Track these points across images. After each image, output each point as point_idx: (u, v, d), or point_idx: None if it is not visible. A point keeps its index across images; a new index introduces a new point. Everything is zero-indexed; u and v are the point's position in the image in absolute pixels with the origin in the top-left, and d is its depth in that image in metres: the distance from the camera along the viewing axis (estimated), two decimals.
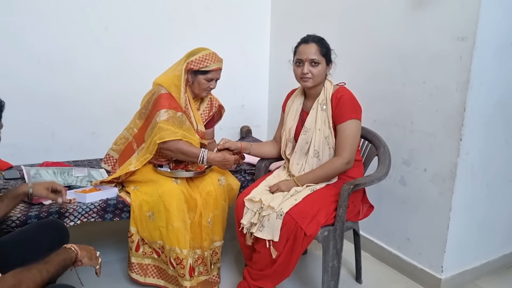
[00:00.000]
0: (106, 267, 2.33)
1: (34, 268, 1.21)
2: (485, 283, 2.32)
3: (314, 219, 1.83)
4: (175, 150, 2.09)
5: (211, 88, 2.22)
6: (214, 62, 2.14)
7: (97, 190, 2.04)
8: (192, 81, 2.18)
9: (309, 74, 1.99)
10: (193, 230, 2.06)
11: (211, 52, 2.17)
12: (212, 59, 2.14)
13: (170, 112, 2.10)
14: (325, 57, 1.99)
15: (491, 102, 2.09)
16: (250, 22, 3.38)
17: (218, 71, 2.19)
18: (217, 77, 2.20)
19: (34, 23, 2.57)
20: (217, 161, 2.14)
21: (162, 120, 2.07)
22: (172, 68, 2.21)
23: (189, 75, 2.16)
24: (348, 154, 1.95)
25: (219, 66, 2.18)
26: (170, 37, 3.02)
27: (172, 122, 2.09)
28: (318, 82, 2.03)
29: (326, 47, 1.99)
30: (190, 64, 2.13)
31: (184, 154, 2.11)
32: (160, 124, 2.06)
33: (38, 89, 2.68)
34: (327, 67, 2.02)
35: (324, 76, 2.03)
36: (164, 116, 2.08)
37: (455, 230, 2.15)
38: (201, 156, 2.10)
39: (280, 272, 1.87)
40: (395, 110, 2.36)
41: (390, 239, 2.48)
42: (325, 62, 1.99)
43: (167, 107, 2.10)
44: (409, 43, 2.24)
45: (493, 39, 1.97)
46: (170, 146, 2.07)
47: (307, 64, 1.97)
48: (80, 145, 2.87)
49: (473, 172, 2.13)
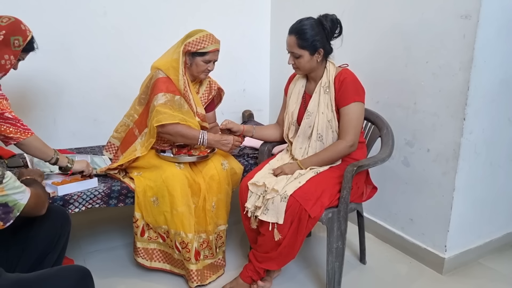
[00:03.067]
0: (112, 252, 2.38)
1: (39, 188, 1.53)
2: (488, 262, 2.34)
3: (318, 201, 1.83)
4: (174, 134, 2.08)
5: (209, 70, 2.20)
6: (211, 43, 2.12)
7: (69, 182, 1.97)
8: (190, 63, 2.16)
9: (295, 65, 1.99)
10: (197, 214, 2.07)
11: (208, 34, 2.15)
12: (209, 40, 2.12)
13: (168, 95, 2.09)
14: (307, 48, 1.93)
15: (495, 80, 2.07)
16: (250, 5, 3.33)
17: (216, 53, 2.17)
18: (214, 59, 2.18)
19: (31, 9, 2.54)
20: (216, 140, 2.13)
21: (160, 103, 2.06)
22: (170, 51, 2.19)
23: (187, 57, 2.15)
24: (352, 137, 1.95)
25: (217, 48, 2.16)
26: (170, 21, 2.99)
27: (170, 106, 2.08)
28: (309, 70, 2.02)
29: (306, 38, 1.91)
30: (187, 46, 2.11)
31: (183, 137, 2.11)
32: (157, 108, 2.05)
33: (38, 76, 2.66)
34: (314, 56, 1.95)
35: (314, 64, 1.98)
36: (161, 100, 2.07)
37: (458, 209, 2.16)
38: (201, 137, 2.10)
39: (285, 254, 1.89)
40: (398, 90, 2.35)
41: (394, 219, 2.49)
42: (308, 53, 1.94)
43: (164, 91, 2.09)
44: (411, 22, 2.21)
45: (497, 17, 1.95)
46: (169, 130, 2.06)
47: (290, 55, 1.98)
48: (82, 132, 2.86)
49: (476, 151, 2.13)
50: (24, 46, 1.81)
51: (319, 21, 1.93)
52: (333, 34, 1.96)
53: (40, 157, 1.89)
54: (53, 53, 2.66)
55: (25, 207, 1.38)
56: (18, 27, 1.80)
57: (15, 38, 1.77)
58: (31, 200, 1.40)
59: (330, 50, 2.00)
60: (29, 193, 1.40)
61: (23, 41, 1.80)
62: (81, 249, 2.40)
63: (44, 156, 1.89)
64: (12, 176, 1.35)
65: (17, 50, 1.79)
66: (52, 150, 1.92)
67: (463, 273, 2.24)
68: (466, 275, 2.23)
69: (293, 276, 2.19)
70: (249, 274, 2.00)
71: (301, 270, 2.25)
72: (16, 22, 1.80)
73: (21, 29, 1.80)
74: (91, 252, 2.38)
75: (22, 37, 1.79)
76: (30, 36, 1.84)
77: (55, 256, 1.63)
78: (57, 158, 1.92)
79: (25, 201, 1.38)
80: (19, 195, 1.37)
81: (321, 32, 1.92)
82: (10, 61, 1.79)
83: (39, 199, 1.46)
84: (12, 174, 1.35)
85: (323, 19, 1.93)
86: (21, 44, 1.79)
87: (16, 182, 1.36)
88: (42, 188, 1.59)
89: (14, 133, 1.77)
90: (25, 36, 1.80)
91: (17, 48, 1.79)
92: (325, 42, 1.95)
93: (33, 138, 1.83)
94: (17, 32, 1.78)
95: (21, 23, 1.83)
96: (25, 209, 1.38)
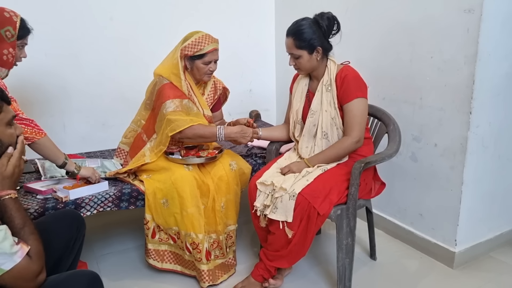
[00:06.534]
0: (124, 255, 2.40)
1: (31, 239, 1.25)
2: (499, 255, 2.34)
3: (326, 198, 1.84)
4: (192, 136, 2.08)
5: (211, 71, 2.17)
6: (208, 43, 2.09)
7: (80, 186, 1.99)
8: (191, 68, 2.15)
9: (295, 66, 2.01)
10: (207, 215, 2.09)
11: (204, 34, 2.12)
12: (206, 41, 2.09)
13: (176, 101, 2.09)
14: (305, 48, 1.94)
15: (500, 73, 2.06)
16: (254, 6, 3.35)
17: (215, 52, 2.14)
18: (214, 59, 2.15)
19: (39, 16, 2.57)
20: (235, 132, 2.11)
21: (169, 111, 2.06)
22: (169, 56, 2.18)
23: (186, 61, 2.13)
24: (357, 133, 1.96)
25: (215, 47, 2.13)
26: (174, 24, 3.01)
27: (180, 111, 2.08)
28: (310, 69, 2.03)
29: (303, 38, 1.92)
30: (184, 50, 2.09)
31: (202, 137, 2.11)
32: (168, 117, 2.04)
33: (48, 82, 2.70)
34: (313, 55, 1.96)
35: (314, 63, 1.99)
36: (171, 107, 2.07)
37: (467, 203, 2.16)
38: (218, 133, 2.09)
39: (296, 252, 1.90)
40: (403, 86, 2.35)
41: (403, 215, 2.49)
42: (306, 53, 1.95)
43: (172, 97, 2.08)
44: (415, 18, 2.21)
45: (500, 10, 1.95)
46: (187, 134, 2.06)
47: (290, 56, 2.00)
48: (91, 136, 2.90)
49: (484, 145, 2.12)
50: (18, 33, 1.75)
51: (315, 20, 1.95)
52: (331, 32, 1.97)
53: (51, 158, 1.89)
54: (61, 59, 2.71)
55: (5, 276, 1.12)
56: (3, 17, 1.72)
57: (5, 29, 1.71)
58: (20, 269, 1.15)
59: (329, 48, 2.00)
60: (19, 260, 1.15)
61: (14, 30, 1.73)
62: (93, 252, 2.43)
63: (55, 157, 1.89)
64: (6, 231, 1.15)
65: (13, 41, 1.74)
66: (62, 153, 1.93)
67: (474, 267, 2.23)
68: (477, 268, 2.22)
69: (304, 273, 2.21)
70: (260, 273, 2.02)
71: (312, 267, 2.26)
72: None
73: (6, 18, 1.73)
74: (104, 254, 2.41)
75: (11, 27, 1.72)
76: (19, 21, 1.77)
77: (70, 260, 1.64)
78: (66, 162, 1.92)
79: (7, 267, 1.12)
80: (1, 257, 1.12)
81: (318, 30, 1.93)
82: (11, 54, 1.75)
83: (28, 271, 1.18)
84: (5, 231, 1.15)
85: (319, 18, 1.94)
86: (14, 34, 1.74)
87: (5, 240, 1.13)
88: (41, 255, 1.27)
89: (30, 133, 1.77)
90: (13, 24, 1.74)
91: (12, 39, 1.73)
92: (323, 40, 1.95)
93: (47, 138, 1.84)
94: (5, 23, 1.72)
95: (4, 10, 1.75)
96: (5, 277, 1.13)
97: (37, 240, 1.26)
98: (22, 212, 1.29)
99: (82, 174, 1.99)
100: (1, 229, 1.14)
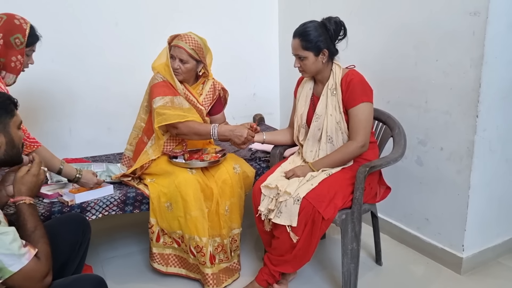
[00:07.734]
0: (129, 258, 2.41)
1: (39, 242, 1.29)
2: (507, 260, 2.31)
3: (331, 202, 1.83)
4: (188, 133, 2.11)
5: (175, 69, 2.15)
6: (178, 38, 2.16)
7: (85, 190, 1.97)
8: None
9: (301, 68, 2.00)
10: (211, 218, 2.08)
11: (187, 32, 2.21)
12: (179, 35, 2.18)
13: (166, 98, 2.12)
14: (311, 49, 1.94)
15: (507, 76, 2.04)
16: (258, 9, 3.36)
17: (177, 49, 2.14)
18: (178, 56, 2.14)
19: (45, 20, 2.59)
20: (229, 130, 2.11)
21: (158, 105, 2.10)
22: (164, 52, 2.22)
23: None
24: (362, 137, 1.94)
25: (177, 44, 2.15)
26: (179, 29, 3.01)
27: (170, 106, 2.11)
28: (315, 72, 2.02)
29: (310, 39, 1.92)
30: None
31: (197, 134, 2.13)
32: (157, 110, 2.09)
33: (54, 87, 2.72)
34: (319, 57, 1.96)
35: (319, 65, 1.98)
36: (159, 102, 2.10)
37: (475, 208, 2.13)
38: (212, 130, 2.10)
39: (300, 256, 1.89)
40: (408, 90, 2.34)
41: (409, 220, 2.47)
42: (312, 54, 1.95)
43: (162, 94, 2.12)
44: (420, 20, 2.20)
45: (506, 13, 1.93)
46: (182, 130, 2.10)
47: (296, 58, 1.99)
48: (96, 140, 2.91)
49: (491, 148, 2.10)
50: (27, 41, 1.76)
51: (322, 23, 1.95)
52: (338, 36, 1.96)
53: (48, 168, 1.83)
54: (67, 64, 2.72)
55: (14, 277, 1.15)
56: (13, 24, 1.73)
57: (14, 37, 1.71)
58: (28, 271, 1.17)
59: (335, 52, 2.00)
60: (27, 262, 1.17)
61: (24, 37, 1.74)
62: (98, 255, 2.44)
63: (52, 167, 1.84)
64: (14, 233, 1.18)
65: (21, 48, 1.75)
66: (59, 160, 1.87)
67: (483, 273, 2.20)
68: (486, 274, 2.19)
69: (308, 278, 2.19)
70: (265, 278, 2.00)
71: (317, 272, 2.25)
72: (8, 20, 1.73)
73: (16, 26, 1.74)
74: (109, 258, 2.42)
75: (21, 34, 1.73)
76: (29, 28, 1.77)
77: (76, 263, 1.65)
78: (61, 168, 1.86)
79: (15, 269, 1.15)
80: (10, 258, 1.14)
81: (325, 33, 1.93)
82: (19, 61, 1.76)
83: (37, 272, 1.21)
84: (14, 233, 1.17)
85: (327, 22, 1.94)
86: (23, 41, 1.74)
87: (14, 242, 1.15)
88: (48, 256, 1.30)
89: (26, 146, 1.73)
90: (23, 31, 1.74)
91: (20, 46, 1.74)
92: (329, 43, 1.95)
93: (42, 149, 1.80)
94: (14, 30, 1.73)
95: (14, 17, 1.75)
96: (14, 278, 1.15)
97: (46, 243, 1.30)
98: (35, 217, 1.34)
99: (82, 183, 1.95)
100: (9, 231, 1.17)
